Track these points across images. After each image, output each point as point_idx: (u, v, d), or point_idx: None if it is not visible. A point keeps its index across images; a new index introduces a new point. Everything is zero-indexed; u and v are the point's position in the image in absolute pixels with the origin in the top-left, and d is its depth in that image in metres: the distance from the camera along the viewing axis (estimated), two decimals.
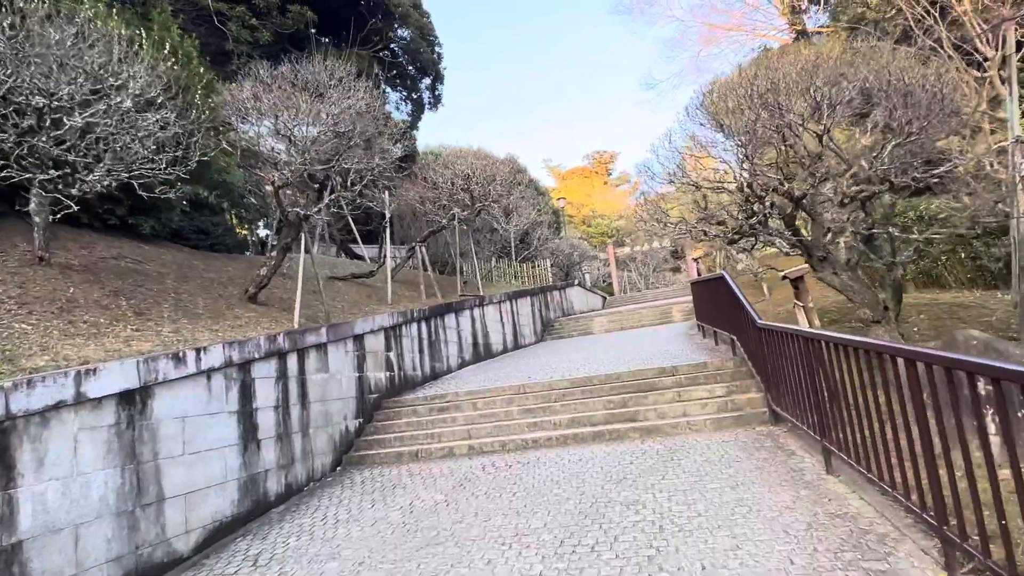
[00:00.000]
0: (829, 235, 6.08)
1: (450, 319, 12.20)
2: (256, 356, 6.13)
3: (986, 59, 9.14)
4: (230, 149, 9.34)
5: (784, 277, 5.77)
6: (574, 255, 28.53)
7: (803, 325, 5.72)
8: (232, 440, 5.61)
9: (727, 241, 7.69)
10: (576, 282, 23.13)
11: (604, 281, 34.67)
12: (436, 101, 20.95)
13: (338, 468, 7.23)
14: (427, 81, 20.57)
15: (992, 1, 8.84)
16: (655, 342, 11.57)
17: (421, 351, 10.57)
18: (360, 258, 17.85)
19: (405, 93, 21.61)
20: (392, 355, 9.38)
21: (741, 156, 5.95)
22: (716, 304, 8.86)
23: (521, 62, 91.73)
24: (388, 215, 12.66)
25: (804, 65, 5.70)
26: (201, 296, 8.50)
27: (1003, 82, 7.60)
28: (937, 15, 9.29)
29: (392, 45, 19.45)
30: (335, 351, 7.73)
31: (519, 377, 9.18)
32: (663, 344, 10.93)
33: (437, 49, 20.00)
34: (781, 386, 5.86)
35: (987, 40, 8.54)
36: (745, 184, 5.98)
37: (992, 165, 6.67)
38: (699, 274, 27.46)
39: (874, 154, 5.62)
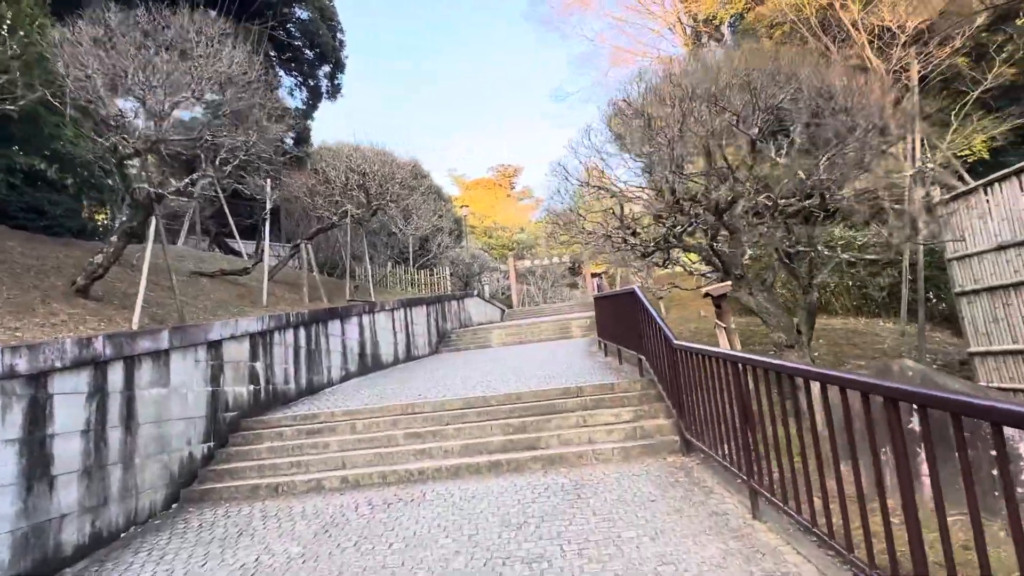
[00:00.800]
0: (747, 254, 5.77)
1: (334, 326, 10.89)
2: (58, 365, 4.66)
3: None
4: (58, 106, 7.60)
5: (706, 295, 5.28)
6: (475, 265, 27.78)
7: (724, 347, 5.24)
8: (6, 478, 4.14)
9: (640, 254, 7.20)
10: (475, 292, 22.33)
11: (503, 293, 34.19)
12: (335, 91, 19.41)
13: (173, 506, 5.81)
14: (326, 68, 19.00)
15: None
16: (556, 358, 10.97)
17: (297, 361, 9.22)
18: (237, 254, 15.92)
19: (301, 79, 19.89)
20: (259, 365, 8.00)
21: (667, 159, 5.43)
22: (623, 321, 8.35)
23: (432, 64, 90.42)
24: (269, 206, 11.16)
25: (739, 63, 5.33)
26: (7, 286, 6.73)
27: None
28: (836, 49, 9.61)
29: (288, 25, 17.76)
30: (181, 360, 6.30)
31: (408, 394, 8.14)
32: (564, 361, 10.33)
33: (339, 35, 18.54)
34: (696, 413, 5.32)
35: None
36: (668, 191, 5.46)
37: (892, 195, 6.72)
38: (598, 290, 27.67)
39: (809, 166, 5.35)
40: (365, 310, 12.39)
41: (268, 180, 11.30)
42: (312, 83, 20.03)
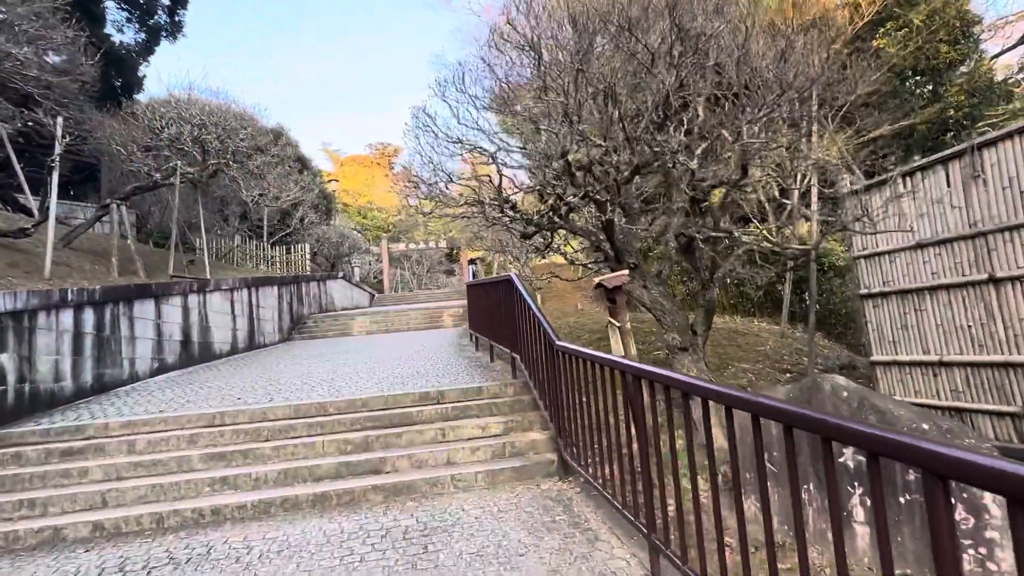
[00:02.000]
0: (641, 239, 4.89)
1: (144, 307, 8.67)
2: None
3: None
4: None
5: (599, 286, 4.25)
6: (344, 245, 25.47)
7: (617, 351, 4.23)
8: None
9: (520, 234, 6.05)
10: (341, 275, 20.24)
11: (375, 278, 32.06)
12: (176, 29, 16.28)
13: None
14: (165, 1, 15.89)
15: None
16: (421, 351, 9.61)
17: (78, 352, 7.02)
18: (28, 213, 12.70)
19: (135, 13, 16.54)
20: (5, 358, 5.81)
21: (560, 111, 4.27)
22: (496, 313, 7.20)
23: (308, 31, 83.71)
24: (58, 149, 8.61)
25: None
26: None
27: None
28: None
29: None
30: None
31: (226, 397, 6.38)
32: (430, 355, 9.00)
33: None
34: (577, 429, 4.28)
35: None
36: (558, 154, 4.32)
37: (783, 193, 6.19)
38: (474, 277, 26.59)
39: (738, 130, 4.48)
40: (192, 289, 10.18)
41: (59, 119, 8.71)
42: (150, 21, 16.74)
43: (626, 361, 3.51)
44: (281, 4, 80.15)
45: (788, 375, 6.66)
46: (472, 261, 30.37)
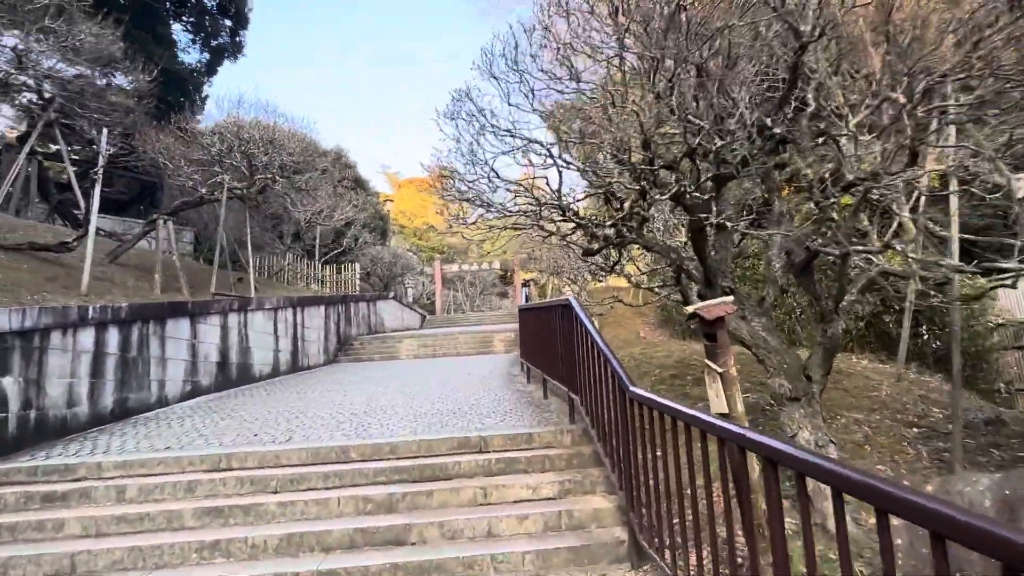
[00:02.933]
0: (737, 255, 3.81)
1: (178, 326, 8.13)
2: None
3: None
4: None
5: (692, 317, 3.16)
6: (397, 266, 25.10)
7: (717, 406, 3.13)
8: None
9: (583, 252, 5.03)
10: (391, 295, 19.72)
11: (428, 299, 31.64)
12: (237, 49, 16.37)
13: None
14: (227, 23, 16.00)
15: None
16: (467, 381, 8.66)
17: (98, 374, 6.45)
18: (101, 232, 12.68)
19: (202, 36, 16.75)
20: (8, 382, 5.22)
21: (649, 68, 3.20)
22: (551, 343, 6.17)
23: (368, 52, 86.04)
24: (102, 162, 8.28)
25: None
26: None
27: None
28: None
29: None
30: None
31: (243, 432, 5.58)
32: (476, 387, 8.03)
33: None
34: (656, 501, 3.19)
35: None
36: (640, 143, 3.26)
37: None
38: (526, 300, 25.63)
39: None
40: (232, 308, 9.65)
41: (104, 132, 8.41)
42: (214, 43, 16.94)
43: (733, 427, 2.42)
44: (343, 26, 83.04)
45: (916, 430, 5.30)
46: (526, 283, 29.50)
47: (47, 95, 10.91)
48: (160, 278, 9.95)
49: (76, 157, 11.34)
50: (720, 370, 3.06)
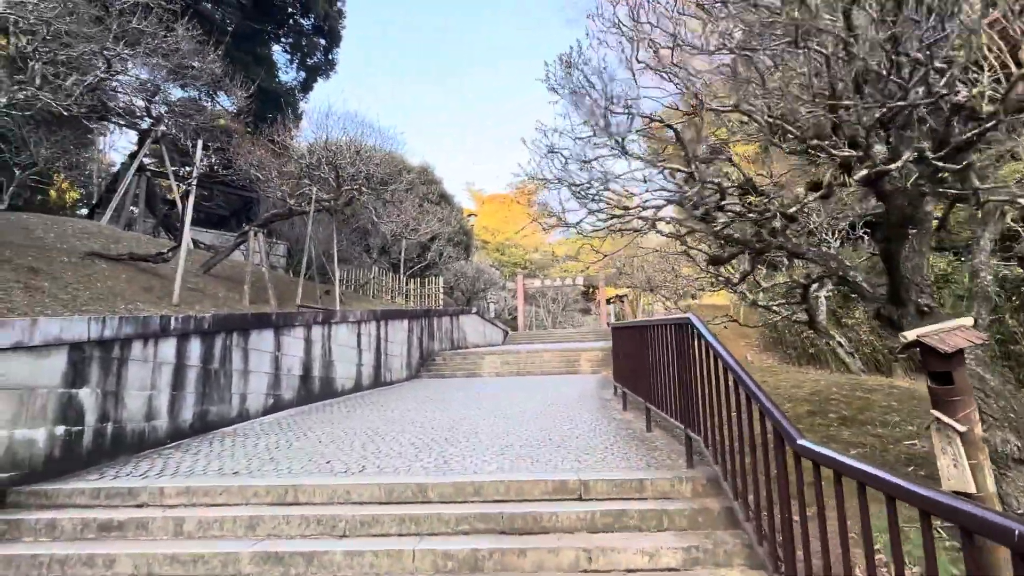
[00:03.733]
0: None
1: (262, 338, 7.90)
2: None
3: None
4: None
5: (912, 345, 2.23)
6: (479, 281, 24.78)
7: (954, 481, 2.15)
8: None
9: (709, 261, 4.12)
10: (474, 310, 19.28)
11: (510, 315, 31.16)
12: (330, 66, 16.72)
13: None
14: (322, 42, 16.35)
15: None
16: (556, 405, 7.85)
17: (179, 387, 6.22)
18: (200, 245, 13.13)
19: (298, 55, 17.25)
20: (85, 394, 5.00)
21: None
22: (656, 368, 5.25)
23: (452, 70, 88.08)
24: (196, 170, 8.29)
25: None
26: None
27: None
28: None
29: None
30: None
31: (316, 456, 5.06)
32: (567, 412, 7.21)
33: (338, 3, 15.91)
34: None
35: None
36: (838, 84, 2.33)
37: None
38: (615, 317, 24.44)
39: None
40: (316, 320, 9.40)
41: (199, 142, 8.43)
42: (309, 61, 17.41)
43: (985, 511, 1.47)
44: (431, 46, 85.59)
45: None
46: (610, 300, 28.31)
47: (155, 115, 11.38)
48: (249, 289, 9.91)
49: (180, 174, 11.70)
50: (961, 428, 2.07)
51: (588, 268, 35.65)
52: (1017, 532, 1.40)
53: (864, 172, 2.51)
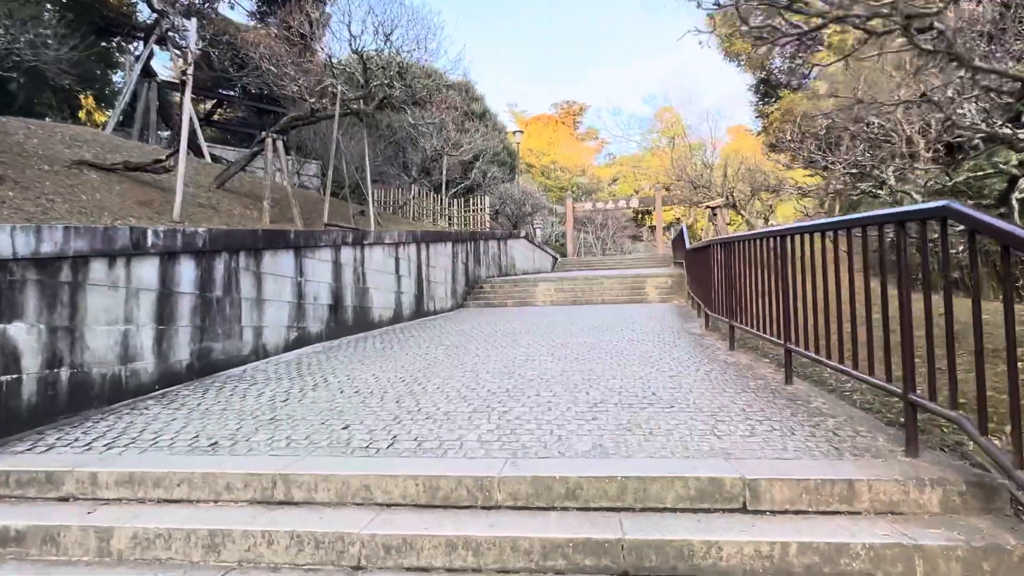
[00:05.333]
0: None
1: (279, 261, 6.44)
2: None
3: None
4: None
5: None
6: (526, 204, 22.83)
7: None
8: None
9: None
10: (523, 234, 17.54)
11: (557, 241, 29.29)
12: None
13: None
14: None
15: None
16: (639, 341, 6.20)
17: (167, 319, 4.83)
18: (217, 160, 11.68)
19: None
20: (17, 331, 3.60)
21: None
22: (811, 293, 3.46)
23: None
24: (193, 48, 6.61)
25: None
26: None
27: None
28: None
29: None
30: None
31: (331, 417, 3.59)
32: (657, 351, 5.56)
33: None
34: None
35: None
36: None
37: None
38: (685, 242, 22.24)
39: None
40: (346, 241, 7.88)
41: (193, 20, 6.69)
42: None
43: None
44: None
45: None
46: (670, 225, 26.01)
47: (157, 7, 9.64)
48: (269, 206, 8.41)
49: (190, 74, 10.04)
50: None
51: (637, 192, 33.07)
52: None
53: None
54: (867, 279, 3.02)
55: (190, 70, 6.69)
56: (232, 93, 14.84)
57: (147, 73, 10.37)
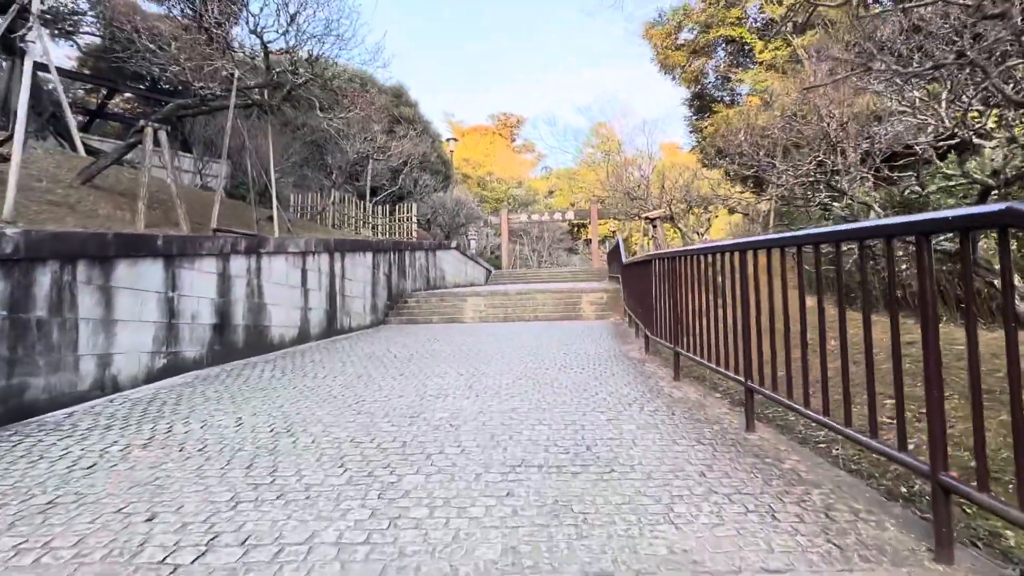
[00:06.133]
0: None
1: (139, 272, 5.19)
2: None
3: None
4: None
5: None
6: (460, 214, 21.90)
7: None
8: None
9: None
10: (454, 245, 16.57)
11: (492, 253, 28.51)
12: None
13: None
14: None
15: None
16: (571, 368, 5.38)
17: None
18: (92, 152, 10.04)
19: None
20: None
21: None
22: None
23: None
24: (33, 25, 5.27)
25: None
26: None
27: None
28: None
29: None
30: None
31: (129, 516, 2.50)
32: (591, 381, 4.75)
33: None
34: None
35: None
36: None
37: None
38: (621, 255, 21.90)
39: None
40: (237, 249, 6.67)
41: None
42: None
43: None
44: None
45: None
46: (602, 241, 25.73)
47: None
48: (144, 206, 7.06)
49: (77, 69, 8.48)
50: None
51: (573, 205, 32.83)
52: None
53: None
54: (867, 309, 2.28)
55: (31, 35, 5.35)
56: (139, 85, 13.11)
57: (8, 49, 8.71)
